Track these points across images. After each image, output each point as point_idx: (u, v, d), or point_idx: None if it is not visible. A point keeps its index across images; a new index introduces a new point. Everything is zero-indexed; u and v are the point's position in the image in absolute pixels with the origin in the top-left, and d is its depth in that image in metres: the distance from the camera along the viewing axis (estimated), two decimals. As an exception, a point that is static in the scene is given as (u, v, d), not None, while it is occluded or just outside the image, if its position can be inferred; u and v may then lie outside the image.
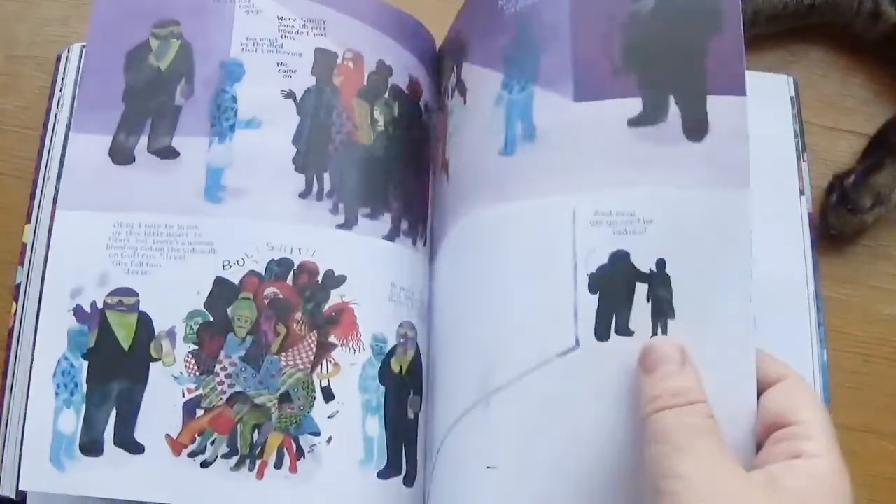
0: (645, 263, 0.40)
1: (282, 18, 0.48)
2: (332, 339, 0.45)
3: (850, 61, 0.57)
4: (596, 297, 0.40)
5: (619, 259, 0.40)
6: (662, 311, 0.39)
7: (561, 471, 0.40)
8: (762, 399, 0.37)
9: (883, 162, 0.53)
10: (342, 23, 0.49)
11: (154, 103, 0.47)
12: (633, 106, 0.42)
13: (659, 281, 0.39)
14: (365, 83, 0.49)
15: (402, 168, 0.49)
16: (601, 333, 0.40)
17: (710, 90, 0.41)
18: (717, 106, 0.40)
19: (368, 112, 0.48)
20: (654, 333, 0.39)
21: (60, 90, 0.50)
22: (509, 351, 0.42)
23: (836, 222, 0.53)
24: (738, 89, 0.40)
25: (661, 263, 0.40)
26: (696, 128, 0.40)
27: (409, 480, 0.45)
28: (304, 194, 0.46)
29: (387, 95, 0.49)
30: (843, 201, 0.52)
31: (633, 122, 0.41)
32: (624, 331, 0.40)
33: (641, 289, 0.40)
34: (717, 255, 0.39)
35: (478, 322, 0.43)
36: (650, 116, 0.41)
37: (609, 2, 0.43)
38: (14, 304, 0.47)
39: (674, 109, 0.41)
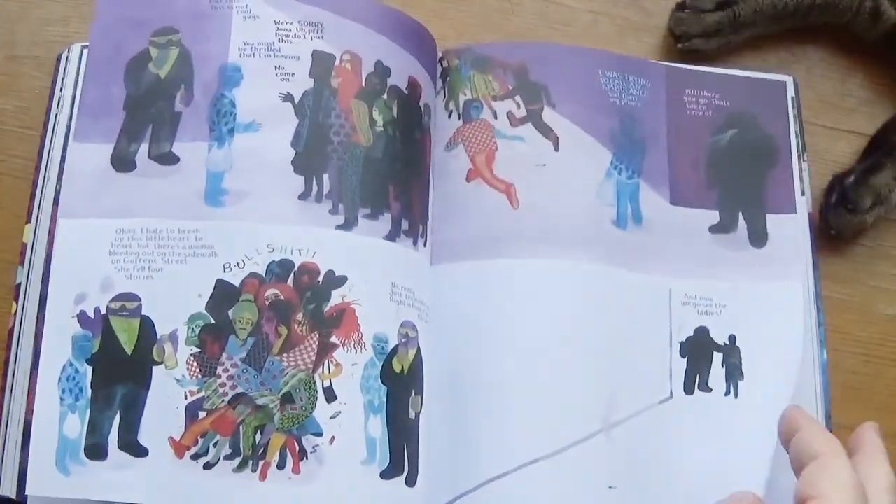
0: (720, 337, 0.50)
1: (279, 23, 0.48)
2: (333, 339, 0.45)
3: (850, 61, 0.57)
4: (685, 360, 0.50)
5: (701, 333, 0.50)
6: (733, 374, 0.50)
7: (667, 493, 0.48)
8: (798, 479, 0.39)
9: (883, 162, 0.53)
10: (340, 25, 0.49)
11: (154, 111, 0.47)
12: (713, 216, 0.52)
13: (730, 351, 0.50)
14: (363, 84, 0.49)
15: (401, 168, 0.49)
16: (688, 388, 0.50)
17: (768, 210, 0.52)
18: (774, 221, 0.52)
19: (367, 113, 0.48)
20: (728, 392, 0.50)
21: (60, 90, 0.50)
22: (624, 394, 0.49)
23: (836, 222, 0.53)
24: (790, 209, 0.52)
25: (732, 338, 0.50)
26: (758, 238, 0.52)
27: (411, 480, 0.45)
28: (303, 196, 0.46)
29: (385, 96, 0.49)
30: (843, 201, 0.52)
31: (713, 230, 0.52)
32: (704, 387, 0.50)
33: (718, 357, 0.50)
34: (774, 331, 0.50)
35: (592, 363, 0.49)
36: (725, 226, 0.52)
37: (695, 129, 0.53)
38: (14, 304, 0.47)
39: (741, 223, 0.52)
